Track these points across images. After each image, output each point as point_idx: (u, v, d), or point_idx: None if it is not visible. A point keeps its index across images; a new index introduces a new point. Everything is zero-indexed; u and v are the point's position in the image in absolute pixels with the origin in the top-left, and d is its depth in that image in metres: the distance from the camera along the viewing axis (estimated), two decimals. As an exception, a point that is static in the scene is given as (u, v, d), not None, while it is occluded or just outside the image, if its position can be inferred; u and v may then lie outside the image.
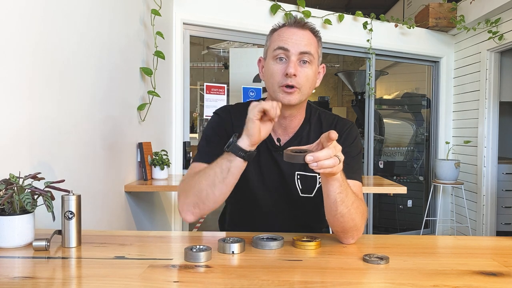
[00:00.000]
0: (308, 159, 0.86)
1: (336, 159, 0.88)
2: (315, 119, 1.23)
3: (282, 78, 1.10)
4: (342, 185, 0.97)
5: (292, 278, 0.80)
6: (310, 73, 1.11)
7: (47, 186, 1.03)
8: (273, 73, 1.11)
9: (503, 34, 3.41)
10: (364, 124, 4.01)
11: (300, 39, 1.10)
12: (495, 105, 3.71)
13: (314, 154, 0.86)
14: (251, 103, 1.13)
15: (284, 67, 1.09)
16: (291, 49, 1.09)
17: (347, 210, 0.98)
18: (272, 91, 1.13)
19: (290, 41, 1.09)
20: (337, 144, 0.90)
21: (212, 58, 7.57)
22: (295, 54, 1.09)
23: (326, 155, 0.86)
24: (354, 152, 1.18)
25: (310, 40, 1.12)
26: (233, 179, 1.02)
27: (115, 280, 0.77)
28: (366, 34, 3.72)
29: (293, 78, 1.08)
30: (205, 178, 1.03)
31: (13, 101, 1.19)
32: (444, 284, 0.76)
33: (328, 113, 1.27)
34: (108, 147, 1.88)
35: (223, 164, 1.01)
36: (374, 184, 2.60)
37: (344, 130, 1.21)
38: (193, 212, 1.06)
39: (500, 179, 3.91)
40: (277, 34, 1.13)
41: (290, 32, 1.11)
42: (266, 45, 1.18)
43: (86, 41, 1.64)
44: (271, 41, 1.15)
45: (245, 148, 0.99)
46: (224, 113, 1.23)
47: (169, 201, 2.96)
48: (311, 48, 1.11)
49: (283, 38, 1.11)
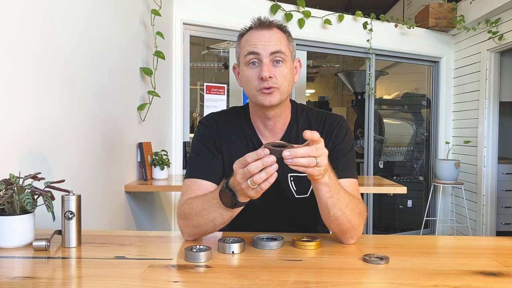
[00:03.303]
0: (285, 154, 0.84)
1: (313, 160, 0.85)
2: (303, 118, 1.21)
3: (259, 82, 1.09)
4: (332, 189, 0.95)
5: (292, 278, 0.80)
6: (286, 71, 1.10)
7: (47, 186, 1.03)
8: (249, 79, 1.10)
9: (503, 34, 3.41)
10: (364, 124, 4.01)
11: (268, 39, 1.08)
12: (495, 105, 3.71)
13: (292, 150, 0.84)
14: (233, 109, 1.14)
15: (258, 71, 1.08)
16: (262, 52, 1.07)
17: (341, 213, 0.98)
18: (252, 96, 1.12)
19: (259, 44, 1.08)
20: (323, 147, 0.88)
21: (212, 58, 7.57)
22: (266, 56, 1.08)
23: (303, 153, 0.84)
24: (346, 149, 1.16)
25: (279, 38, 1.10)
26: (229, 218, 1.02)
27: (115, 280, 0.77)
28: (366, 34, 3.72)
29: (269, 80, 1.07)
30: (204, 218, 1.02)
31: (13, 101, 1.19)
32: (444, 284, 0.76)
33: (316, 110, 1.24)
34: (108, 147, 1.89)
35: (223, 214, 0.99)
36: (374, 184, 2.59)
37: (334, 127, 1.18)
38: (193, 236, 1.07)
39: (500, 179, 3.91)
40: (245, 39, 1.12)
41: (257, 35, 1.09)
42: (237, 52, 1.16)
43: (86, 41, 1.64)
44: (240, 47, 1.13)
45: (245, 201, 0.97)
46: (209, 122, 1.21)
47: (169, 201, 2.96)
48: (282, 46, 1.09)
49: (252, 42, 1.09)
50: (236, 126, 1.20)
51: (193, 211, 1.04)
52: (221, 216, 1.00)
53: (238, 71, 1.18)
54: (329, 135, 1.17)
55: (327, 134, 1.18)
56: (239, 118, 1.22)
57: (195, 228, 1.04)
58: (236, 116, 1.23)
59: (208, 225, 1.02)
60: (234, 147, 1.19)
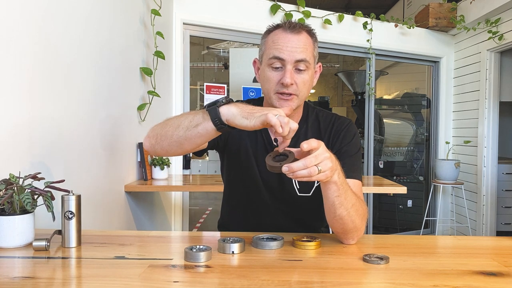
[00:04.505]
0: (283, 169, 0.86)
1: (314, 168, 0.85)
2: (313, 118, 1.23)
3: (278, 86, 1.08)
4: (341, 188, 0.95)
5: (292, 278, 0.80)
6: (307, 78, 1.10)
7: (47, 186, 1.03)
8: (269, 80, 1.10)
9: (503, 34, 3.41)
10: (364, 124, 4.01)
11: (295, 46, 1.07)
12: (495, 105, 3.71)
13: (290, 165, 0.85)
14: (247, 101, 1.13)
15: (280, 75, 1.08)
16: (287, 58, 1.07)
17: (347, 213, 0.98)
18: (268, 97, 1.12)
19: (285, 50, 1.07)
20: (324, 152, 0.87)
21: (212, 58, 7.57)
22: (290, 63, 1.07)
23: (300, 166, 0.84)
24: (353, 151, 1.17)
25: (306, 44, 1.09)
26: (196, 137, 0.95)
27: (115, 280, 0.77)
28: (366, 34, 3.72)
29: (290, 87, 1.07)
30: (178, 117, 0.99)
31: (13, 101, 1.19)
32: (444, 284, 0.76)
33: (326, 112, 1.26)
34: (108, 147, 1.88)
35: (196, 116, 0.95)
36: (374, 184, 2.60)
37: (342, 128, 1.20)
38: (150, 141, 1.04)
39: (500, 179, 3.91)
40: (272, 39, 1.10)
41: (285, 39, 1.08)
42: (262, 49, 1.15)
43: (86, 41, 1.64)
44: (266, 46, 1.12)
45: (223, 119, 0.91)
46: None
47: (169, 201, 2.96)
48: (307, 54, 1.08)
49: (278, 46, 1.08)
50: None
51: (172, 117, 1.02)
52: (192, 118, 0.94)
53: (258, 67, 1.18)
54: (337, 136, 1.19)
55: (335, 135, 1.19)
56: None
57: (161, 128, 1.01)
58: None
59: (172, 128, 0.97)
60: (242, 139, 1.19)
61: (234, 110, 0.90)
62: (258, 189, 1.21)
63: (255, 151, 1.21)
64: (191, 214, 3.83)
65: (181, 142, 0.98)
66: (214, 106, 0.91)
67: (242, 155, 1.21)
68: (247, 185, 1.22)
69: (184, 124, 0.96)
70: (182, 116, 0.99)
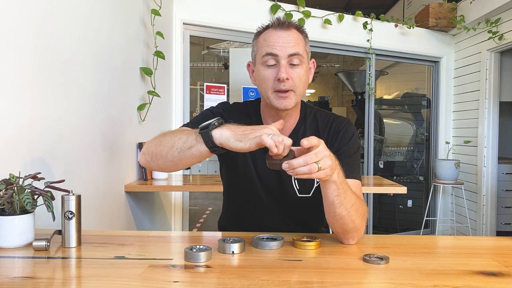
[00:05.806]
0: (283, 166, 0.86)
1: (314, 165, 0.85)
2: (311, 118, 1.23)
3: (275, 83, 1.09)
4: (340, 187, 0.96)
5: (292, 278, 0.80)
6: (302, 72, 1.10)
7: (47, 186, 1.03)
8: (265, 79, 1.10)
9: (503, 34, 3.41)
10: (364, 124, 4.01)
11: (287, 41, 1.08)
12: (495, 105, 3.71)
13: (290, 162, 0.85)
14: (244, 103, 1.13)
15: (275, 72, 1.08)
16: (280, 53, 1.07)
17: (346, 212, 0.98)
18: (266, 97, 1.12)
19: (277, 45, 1.08)
20: (323, 150, 0.88)
21: (212, 58, 7.57)
22: (284, 58, 1.08)
23: (301, 162, 0.85)
24: (352, 151, 1.17)
25: (297, 40, 1.10)
26: (190, 158, 0.96)
27: (115, 280, 0.77)
28: (366, 34, 3.72)
29: (286, 82, 1.07)
30: (172, 137, 1.00)
31: (13, 101, 1.19)
32: (444, 284, 0.76)
33: (324, 112, 1.26)
34: (108, 147, 1.89)
35: (189, 138, 0.95)
36: (374, 184, 2.60)
37: (341, 128, 1.19)
38: (146, 158, 1.05)
39: (500, 179, 3.91)
40: (263, 38, 1.11)
41: (276, 35, 1.09)
42: (254, 50, 1.16)
43: (86, 41, 1.64)
44: (258, 46, 1.13)
45: (216, 142, 0.91)
46: (226, 108, 1.23)
47: (169, 201, 2.96)
48: (299, 48, 1.09)
49: (270, 43, 1.09)
50: (245, 120, 1.20)
51: (166, 134, 1.03)
52: (186, 139, 0.95)
53: (252, 69, 1.18)
54: (335, 136, 1.19)
55: (333, 135, 1.19)
56: (249, 113, 1.23)
57: (155, 146, 1.03)
58: (245, 110, 1.24)
59: (167, 148, 0.99)
60: None
61: (227, 133, 0.90)
62: (256, 190, 1.21)
63: (253, 153, 1.21)
64: (191, 214, 3.83)
65: (176, 162, 1.00)
66: (207, 130, 0.91)
67: (239, 157, 1.21)
68: (246, 186, 1.22)
69: (178, 145, 0.97)
70: (175, 135, 1.00)
